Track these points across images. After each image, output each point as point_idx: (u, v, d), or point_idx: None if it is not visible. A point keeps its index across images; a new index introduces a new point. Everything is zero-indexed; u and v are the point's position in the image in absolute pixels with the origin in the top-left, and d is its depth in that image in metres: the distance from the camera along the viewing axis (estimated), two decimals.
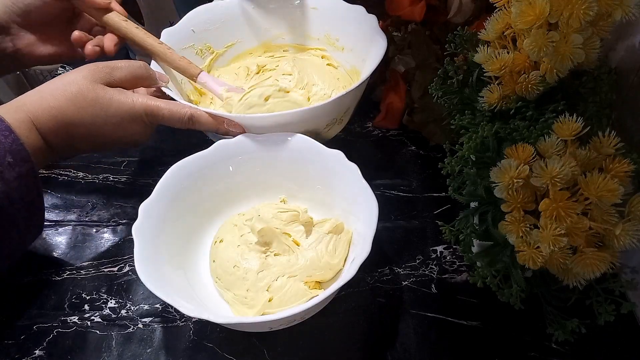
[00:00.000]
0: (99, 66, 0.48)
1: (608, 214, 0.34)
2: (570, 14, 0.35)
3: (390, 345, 0.46)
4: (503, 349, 0.45)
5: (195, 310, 0.38)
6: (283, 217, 0.50)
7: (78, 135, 0.47)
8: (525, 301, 0.39)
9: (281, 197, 0.55)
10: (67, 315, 0.49)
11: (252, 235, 0.48)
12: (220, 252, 0.49)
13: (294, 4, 0.67)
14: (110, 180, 0.62)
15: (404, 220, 0.56)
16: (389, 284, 0.50)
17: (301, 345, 0.46)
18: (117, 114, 0.47)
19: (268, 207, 0.51)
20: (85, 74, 0.47)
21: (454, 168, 0.42)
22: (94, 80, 0.47)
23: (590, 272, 0.35)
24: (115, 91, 0.48)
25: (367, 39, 0.60)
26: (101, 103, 0.47)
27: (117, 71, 0.49)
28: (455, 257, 0.52)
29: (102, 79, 0.48)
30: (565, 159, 0.34)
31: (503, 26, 0.41)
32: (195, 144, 0.52)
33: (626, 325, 0.46)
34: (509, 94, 0.41)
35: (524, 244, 0.36)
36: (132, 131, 0.49)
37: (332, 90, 0.61)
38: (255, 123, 0.51)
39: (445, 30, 0.58)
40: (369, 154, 0.64)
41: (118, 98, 0.48)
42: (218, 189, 0.53)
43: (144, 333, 0.48)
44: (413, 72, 0.61)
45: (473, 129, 0.42)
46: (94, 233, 0.57)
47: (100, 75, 0.48)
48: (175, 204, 0.49)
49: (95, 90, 0.47)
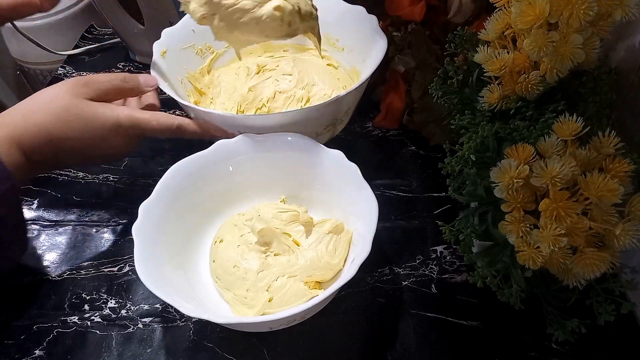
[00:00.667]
0: (80, 81, 0.48)
1: (608, 214, 0.34)
2: (570, 14, 0.35)
3: (390, 345, 0.46)
4: (503, 349, 0.45)
5: (195, 310, 0.38)
6: (283, 217, 0.49)
7: (63, 151, 0.47)
8: (525, 301, 0.39)
9: (281, 197, 0.55)
10: (67, 315, 0.49)
11: (252, 235, 0.48)
12: (220, 252, 0.49)
13: None
14: (110, 180, 0.62)
15: (404, 220, 0.56)
16: (389, 284, 0.50)
17: (301, 345, 0.46)
18: (102, 127, 0.47)
19: (268, 207, 0.51)
20: (67, 89, 0.47)
21: (454, 168, 0.43)
22: (77, 95, 0.47)
23: (590, 272, 0.35)
24: (99, 105, 0.47)
25: (367, 40, 0.60)
26: (86, 118, 0.46)
27: (99, 85, 0.49)
28: (455, 257, 0.52)
29: (85, 94, 0.47)
30: (565, 159, 0.34)
31: (503, 26, 0.41)
32: (195, 144, 0.52)
33: (626, 325, 0.46)
34: (509, 94, 0.41)
35: (524, 244, 0.36)
36: (118, 144, 0.49)
37: (332, 91, 0.61)
38: (255, 123, 0.51)
39: (445, 30, 0.58)
40: (369, 154, 0.64)
41: (103, 112, 0.47)
42: (218, 189, 0.53)
43: (144, 333, 0.48)
44: (413, 72, 0.61)
45: (473, 129, 0.42)
46: (94, 233, 0.57)
47: (82, 90, 0.47)
48: (175, 204, 0.49)
49: (79, 105, 0.46)
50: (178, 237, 0.49)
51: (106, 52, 0.84)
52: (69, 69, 0.80)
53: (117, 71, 0.80)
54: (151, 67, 0.56)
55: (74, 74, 0.79)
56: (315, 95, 0.60)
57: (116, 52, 0.83)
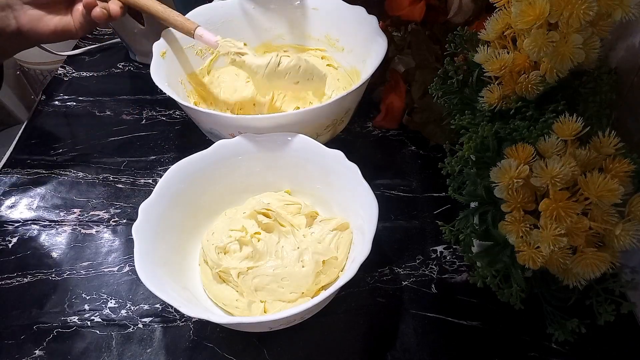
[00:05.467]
0: None
1: (608, 214, 0.34)
2: (570, 14, 0.35)
3: (390, 345, 0.46)
4: (503, 349, 0.45)
5: (195, 310, 0.38)
6: (288, 208, 0.50)
7: None
8: (525, 301, 0.39)
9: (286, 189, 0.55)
10: (67, 315, 0.49)
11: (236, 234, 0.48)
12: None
13: (294, 5, 0.67)
14: (110, 180, 0.62)
15: (404, 220, 0.56)
16: (389, 284, 0.50)
17: (301, 345, 0.46)
18: None
19: (272, 196, 0.52)
20: None
21: (454, 168, 0.42)
22: None
23: (590, 272, 0.35)
24: None
25: (367, 40, 0.60)
26: None
27: None
28: (455, 257, 0.52)
29: None
30: (565, 159, 0.34)
31: (503, 26, 0.41)
32: (195, 144, 0.52)
33: (626, 325, 0.46)
34: (509, 94, 0.41)
35: (524, 244, 0.36)
36: None
37: (332, 91, 0.61)
38: (255, 123, 0.51)
39: (445, 30, 0.58)
40: (369, 154, 0.64)
41: None
42: (218, 189, 0.53)
43: (144, 333, 0.48)
44: (413, 72, 0.61)
45: (473, 129, 0.42)
46: (94, 233, 0.57)
47: None
48: (175, 204, 0.49)
49: None
50: (178, 237, 0.49)
51: (106, 52, 0.84)
52: (69, 69, 0.80)
53: (117, 71, 0.80)
54: (151, 67, 0.56)
55: (74, 74, 0.79)
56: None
57: (116, 52, 0.83)
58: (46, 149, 0.67)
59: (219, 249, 0.47)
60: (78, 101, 0.74)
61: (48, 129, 0.70)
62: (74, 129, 0.70)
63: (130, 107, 0.73)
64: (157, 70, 0.56)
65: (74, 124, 0.71)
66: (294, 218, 0.50)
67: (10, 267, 0.53)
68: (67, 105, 0.74)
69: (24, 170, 0.64)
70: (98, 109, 0.73)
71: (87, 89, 0.76)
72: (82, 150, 0.66)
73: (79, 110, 0.73)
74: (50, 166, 0.64)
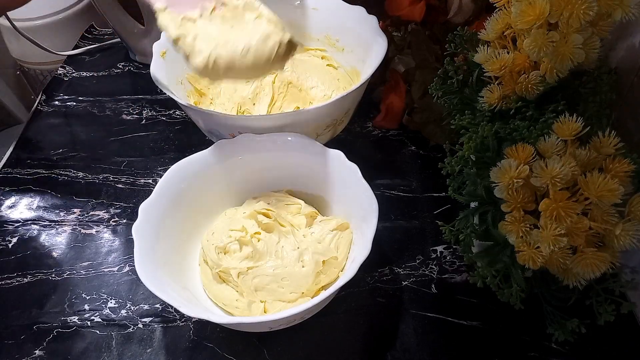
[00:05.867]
0: None
1: (608, 214, 0.34)
2: (570, 14, 0.35)
3: (390, 345, 0.46)
4: (503, 349, 0.45)
5: (195, 310, 0.38)
6: (288, 208, 0.50)
7: None
8: (525, 301, 0.39)
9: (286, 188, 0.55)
10: (67, 315, 0.49)
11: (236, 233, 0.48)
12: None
13: (294, 5, 0.67)
14: (110, 180, 0.62)
15: (404, 220, 0.56)
16: (389, 284, 0.50)
17: (301, 345, 0.46)
18: None
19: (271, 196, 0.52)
20: None
21: (454, 168, 0.42)
22: None
23: (590, 272, 0.35)
24: None
25: (367, 40, 0.60)
26: None
27: None
28: (455, 257, 0.52)
29: None
30: (565, 159, 0.34)
31: (503, 26, 0.41)
32: (195, 144, 0.52)
33: (626, 325, 0.46)
34: (509, 94, 0.41)
35: (524, 244, 0.36)
36: None
37: (332, 91, 0.61)
38: (255, 123, 0.51)
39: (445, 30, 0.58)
40: (369, 154, 0.64)
41: None
42: (218, 189, 0.53)
43: (144, 333, 0.48)
44: (413, 72, 0.61)
45: (473, 129, 0.42)
46: (94, 233, 0.57)
47: None
48: (175, 204, 0.49)
49: None
50: (178, 237, 0.49)
51: (106, 52, 0.84)
52: (69, 69, 0.80)
53: (117, 71, 0.80)
54: (151, 67, 0.56)
55: (74, 74, 0.79)
56: (315, 96, 0.60)
57: (116, 52, 0.83)
58: (46, 149, 0.67)
59: (219, 249, 0.47)
60: (78, 101, 0.74)
61: (48, 129, 0.70)
62: (74, 129, 0.70)
63: (130, 107, 0.73)
64: (157, 70, 0.56)
65: (74, 124, 0.71)
66: (294, 218, 0.50)
67: (10, 267, 0.53)
68: (67, 105, 0.74)
69: (24, 170, 0.64)
70: (98, 109, 0.73)
71: (87, 89, 0.76)
72: (82, 150, 0.66)
73: (79, 110, 0.73)
74: (50, 166, 0.64)
